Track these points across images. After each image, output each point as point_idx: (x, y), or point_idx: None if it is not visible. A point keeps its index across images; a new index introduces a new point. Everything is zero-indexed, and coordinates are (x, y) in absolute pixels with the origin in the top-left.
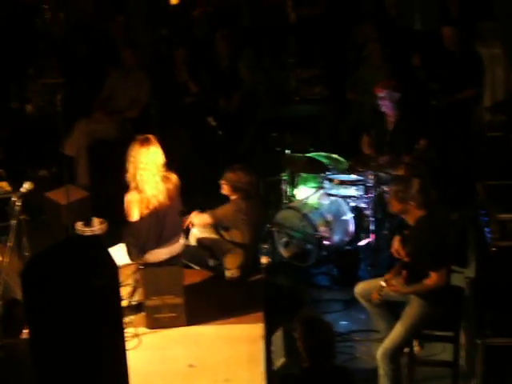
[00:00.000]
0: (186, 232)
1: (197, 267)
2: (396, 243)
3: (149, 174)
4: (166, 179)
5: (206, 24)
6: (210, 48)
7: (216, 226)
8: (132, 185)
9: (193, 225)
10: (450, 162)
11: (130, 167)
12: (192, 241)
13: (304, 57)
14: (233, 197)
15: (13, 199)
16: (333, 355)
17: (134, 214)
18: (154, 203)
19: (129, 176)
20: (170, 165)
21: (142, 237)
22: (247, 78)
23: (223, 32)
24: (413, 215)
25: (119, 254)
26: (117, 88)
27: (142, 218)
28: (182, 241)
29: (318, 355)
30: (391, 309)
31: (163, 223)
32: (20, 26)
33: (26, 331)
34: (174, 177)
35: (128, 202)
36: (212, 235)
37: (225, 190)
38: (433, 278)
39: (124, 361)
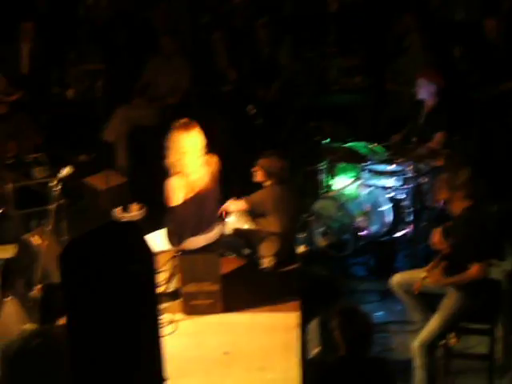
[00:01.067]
0: (222, 220)
1: (232, 255)
2: (437, 235)
3: (192, 157)
4: (208, 162)
5: (247, 12)
6: (250, 36)
7: (251, 213)
8: (174, 169)
9: (228, 212)
10: (489, 154)
11: (172, 152)
12: (228, 229)
13: (344, 46)
14: (267, 183)
15: (52, 184)
16: (369, 345)
17: (176, 199)
18: (197, 187)
19: (170, 161)
20: (208, 152)
21: (183, 222)
22: (287, 67)
23: (264, 20)
24: (458, 205)
25: (157, 240)
26: (157, 74)
27: (183, 203)
28: (219, 228)
29: (354, 345)
30: (428, 301)
31: (203, 209)
32: (61, 12)
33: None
34: (214, 159)
35: (170, 186)
36: (247, 222)
37: (258, 176)
38: (475, 269)
39: (160, 346)
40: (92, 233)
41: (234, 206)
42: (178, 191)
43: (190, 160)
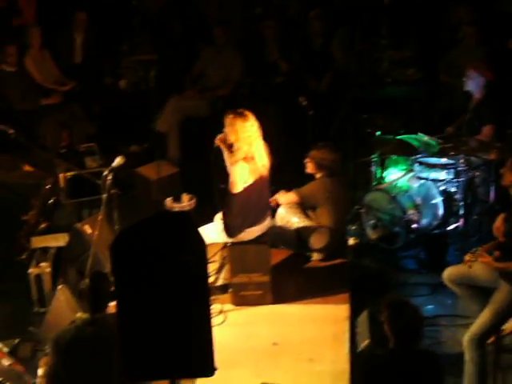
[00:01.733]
0: (273, 211)
1: (282, 246)
2: (499, 221)
3: (257, 144)
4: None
5: (300, 3)
6: (302, 28)
7: (302, 205)
8: (239, 156)
9: (279, 204)
10: None
11: (237, 139)
12: (278, 220)
13: (397, 38)
14: (318, 175)
15: (104, 173)
16: (419, 339)
17: (240, 185)
18: (260, 174)
19: (235, 148)
20: None
21: (244, 211)
22: (339, 59)
23: (317, 12)
24: None
25: (209, 231)
26: (209, 65)
27: (247, 190)
28: (269, 219)
29: (404, 338)
30: (482, 292)
31: (262, 197)
32: (115, 2)
33: (112, 305)
34: (267, 148)
35: (236, 172)
36: (297, 214)
37: (309, 168)
38: None
39: (210, 336)
40: (143, 222)
41: (285, 197)
42: (244, 177)
43: (256, 147)
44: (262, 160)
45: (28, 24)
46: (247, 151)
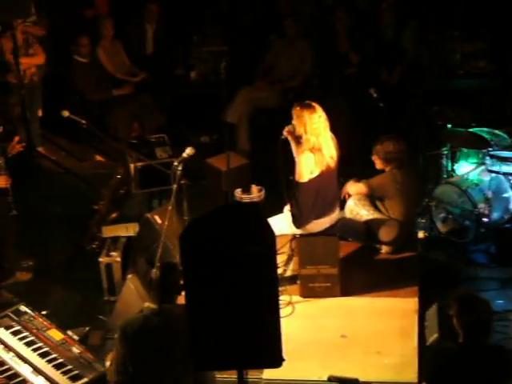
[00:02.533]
0: (341, 203)
1: (351, 239)
2: None
3: (324, 136)
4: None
5: None
6: (373, 19)
7: (371, 197)
8: (307, 147)
9: (349, 195)
10: None
11: (304, 130)
12: (347, 212)
13: (469, 30)
14: (387, 168)
15: (174, 164)
16: (489, 333)
17: (306, 175)
18: (327, 165)
19: (303, 138)
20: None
21: (311, 201)
22: (410, 51)
23: (388, 3)
24: None
25: (278, 222)
26: (279, 57)
27: (314, 180)
28: (338, 211)
29: (474, 332)
30: None
31: (329, 188)
32: None
33: (181, 295)
34: (335, 140)
35: (302, 162)
36: (366, 206)
37: (377, 164)
38: None
39: (279, 327)
40: (213, 213)
41: (354, 187)
42: (310, 168)
43: (323, 138)
44: (329, 151)
45: (101, 15)
46: (314, 142)
